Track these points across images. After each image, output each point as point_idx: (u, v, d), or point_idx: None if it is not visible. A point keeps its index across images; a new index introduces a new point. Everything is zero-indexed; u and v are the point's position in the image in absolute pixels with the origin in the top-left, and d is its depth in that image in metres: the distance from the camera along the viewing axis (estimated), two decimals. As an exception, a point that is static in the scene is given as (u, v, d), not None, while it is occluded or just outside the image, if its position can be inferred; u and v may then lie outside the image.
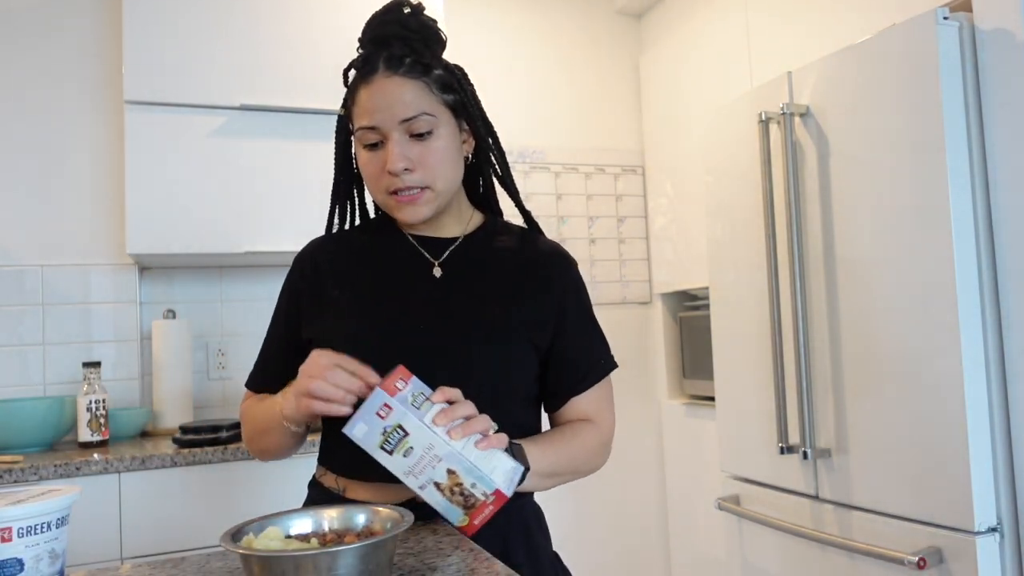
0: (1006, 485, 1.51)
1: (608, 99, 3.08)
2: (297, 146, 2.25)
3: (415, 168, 1.04)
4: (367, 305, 1.08)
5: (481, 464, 0.89)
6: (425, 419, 0.88)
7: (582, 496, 2.86)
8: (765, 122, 1.89)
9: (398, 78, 1.03)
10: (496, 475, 0.90)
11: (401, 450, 0.88)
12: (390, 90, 1.03)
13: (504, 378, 1.08)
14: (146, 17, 2.13)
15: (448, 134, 1.07)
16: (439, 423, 0.89)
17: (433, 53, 1.08)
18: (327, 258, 1.13)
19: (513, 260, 1.14)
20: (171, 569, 0.90)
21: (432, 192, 1.06)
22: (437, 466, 0.89)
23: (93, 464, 1.83)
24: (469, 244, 1.14)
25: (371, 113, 1.04)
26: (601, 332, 1.19)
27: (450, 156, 1.07)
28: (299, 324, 1.12)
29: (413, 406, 0.88)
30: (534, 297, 1.11)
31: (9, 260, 2.30)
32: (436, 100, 1.06)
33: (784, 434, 1.85)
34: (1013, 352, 1.51)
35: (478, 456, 0.90)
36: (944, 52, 1.54)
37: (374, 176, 1.06)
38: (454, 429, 0.89)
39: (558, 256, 1.17)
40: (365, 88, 1.05)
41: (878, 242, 1.66)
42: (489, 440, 0.91)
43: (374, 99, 1.03)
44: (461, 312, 1.07)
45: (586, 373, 1.14)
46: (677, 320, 2.93)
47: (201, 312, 2.47)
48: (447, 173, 1.07)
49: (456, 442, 0.89)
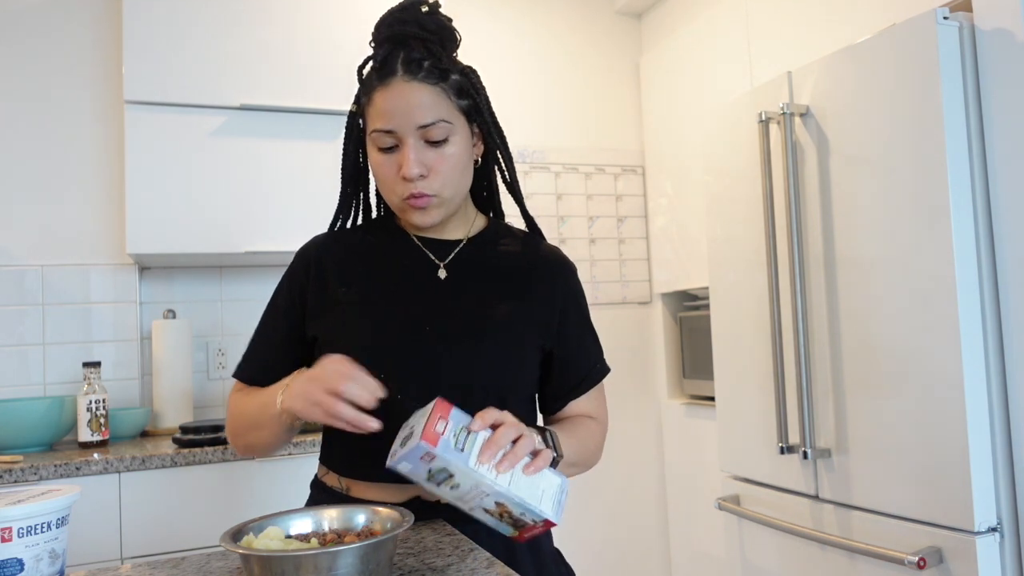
0: (1006, 485, 1.51)
1: (608, 99, 3.08)
2: (297, 146, 2.25)
3: (428, 174, 1.04)
4: (373, 306, 1.08)
5: (529, 498, 0.87)
6: (470, 462, 0.86)
7: (582, 496, 2.86)
8: (765, 122, 1.89)
9: (417, 83, 1.03)
10: (544, 504, 0.88)
11: (448, 485, 0.88)
12: (408, 95, 1.02)
13: (508, 379, 1.09)
14: (146, 17, 2.13)
15: (462, 140, 1.07)
16: (484, 460, 0.86)
17: (450, 55, 1.08)
18: (332, 257, 1.13)
19: (517, 264, 1.15)
20: (171, 569, 0.90)
21: (441, 199, 1.06)
22: (485, 499, 0.89)
23: (93, 464, 1.83)
24: (473, 247, 1.14)
25: (388, 117, 1.03)
26: (597, 336, 1.22)
27: (462, 164, 1.08)
28: (302, 319, 1.11)
29: (456, 449, 0.86)
30: (538, 300, 1.13)
31: (9, 260, 2.30)
32: (452, 106, 1.06)
33: (784, 434, 1.85)
34: (1013, 352, 1.51)
35: (525, 488, 0.88)
36: (944, 52, 1.54)
37: (388, 179, 1.06)
38: (500, 462, 0.87)
39: (560, 262, 1.18)
40: (383, 90, 1.04)
41: (878, 242, 1.66)
42: (536, 463, 0.89)
43: (392, 102, 1.03)
44: (466, 314, 1.08)
45: (585, 377, 1.17)
46: (677, 320, 2.93)
47: (201, 312, 2.47)
48: (458, 181, 1.07)
49: (502, 478, 0.87)
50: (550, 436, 1.03)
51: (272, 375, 1.09)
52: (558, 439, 1.03)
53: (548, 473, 0.91)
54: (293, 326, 1.12)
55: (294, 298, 1.13)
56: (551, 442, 1.01)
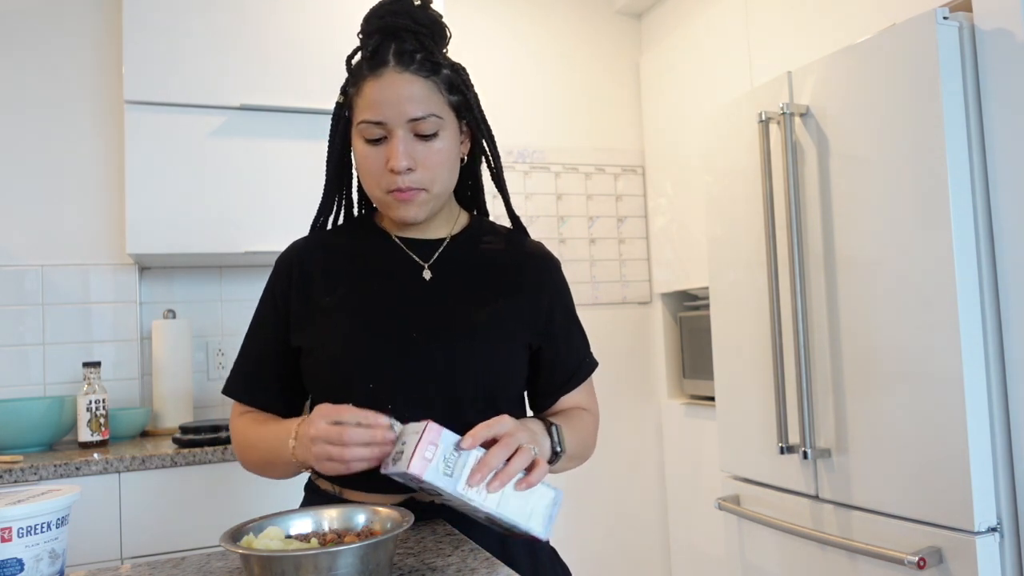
0: (1006, 485, 1.51)
1: (608, 99, 3.08)
2: (297, 146, 2.25)
3: (416, 168, 1.03)
4: (359, 311, 1.07)
5: (517, 518, 0.88)
6: (458, 487, 0.86)
7: (582, 496, 2.86)
8: (765, 122, 1.89)
9: (409, 75, 1.02)
10: (533, 521, 0.89)
11: (440, 499, 0.90)
12: (400, 87, 1.01)
13: (497, 379, 1.08)
14: (146, 17, 2.13)
15: (450, 136, 1.06)
16: (474, 483, 0.86)
17: (441, 50, 1.07)
18: (314, 262, 1.11)
19: (501, 261, 1.14)
20: (171, 569, 0.90)
21: (428, 194, 1.05)
22: (478, 514, 0.90)
23: (93, 464, 1.83)
24: (457, 245, 1.13)
25: (378, 108, 1.01)
26: (583, 331, 1.21)
27: (450, 159, 1.07)
28: (287, 329, 1.09)
29: (445, 475, 0.86)
30: (524, 298, 1.12)
31: (9, 260, 2.30)
32: (443, 101, 1.05)
33: (784, 434, 1.85)
34: (1013, 352, 1.51)
35: (515, 507, 0.88)
36: (944, 52, 1.54)
37: (374, 172, 1.04)
38: (491, 482, 0.87)
39: (544, 258, 1.18)
40: (374, 81, 1.02)
41: (878, 242, 1.66)
42: (528, 479, 0.89)
43: (383, 93, 1.01)
44: (454, 314, 1.07)
45: (574, 372, 1.17)
46: (677, 320, 2.93)
47: (201, 312, 2.47)
48: (446, 176, 1.06)
49: (491, 499, 0.87)
50: (555, 431, 1.02)
51: (264, 391, 1.09)
52: (563, 433, 1.03)
53: (541, 487, 0.91)
54: (279, 338, 1.10)
55: (278, 308, 1.11)
56: (555, 437, 1.02)
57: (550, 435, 1.02)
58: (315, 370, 1.07)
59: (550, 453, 1.02)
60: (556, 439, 1.02)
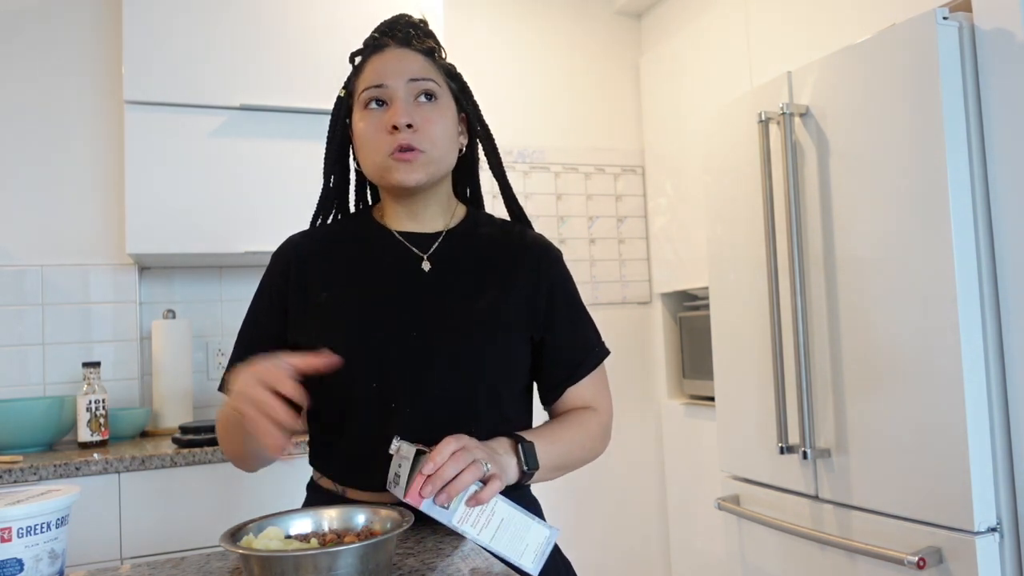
0: (1006, 485, 1.51)
1: (608, 99, 3.08)
2: (297, 146, 2.25)
3: (417, 129, 1.05)
4: (357, 306, 1.07)
5: (510, 553, 0.89)
6: (453, 520, 0.87)
7: (582, 496, 2.86)
8: (765, 122, 1.89)
9: (410, 51, 1.09)
10: (525, 558, 0.90)
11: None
12: (402, 57, 1.08)
13: (499, 371, 1.08)
14: (146, 17, 2.13)
15: (449, 107, 1.10)
16: (425, 494, 0.85)
17: (439, 51, 1.14)
18: (311, 257, 1.11)
19: (500, 252, 1.14)
20: (171, 569, 0.90)
21: (427, 156, 1.05)
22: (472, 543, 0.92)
23: (93, 464, 1.83)
24: (455, 237, 1.13)
25: (380, 74, 1.07)
26: (591, 320, 1.20)
27: (449, 129, 1.09)
28: (283, 326, 1.09)
29: (441, 507, 0.87)
30: (524, 289, 1.11)
31: (9, 260, 2.30)
32: (442, 80, 1.10)
33: (784, 434, 1.85)
34: (1013, 352, 1.51)
35: (508, 542, 0.89)
36: (944, 52, 1.54)
37: (374, 137, 1.06)
38: (438, 495, 0.86)
39: (544, 248, 1.17)
40: (377, 57, 1.09)
41: (878, 242, 1.66)
42: (479, 496, 0.87)
43: (386, 64, 1.07)
44: (453, 307, 1.07)
45: (581, 362, 1.15)
46: (677, 320, 2.93)
47: (201, 312, 2.47)
48: (444, 144, 1.08)
49: (484, 534, 0.88)
50: (522, 448, 0.99)
51: None
52: (534, 449, 1.00)
53: (536, 525, 0.91)
54: (275, 335, 1.08)
55: (274, 303, 1.10)
56: (522, 456, 0.99)
57: (516, 454, 0.99)
58: None
59: (516, 472, 0.99)
60: (522, 458, 0.99)
